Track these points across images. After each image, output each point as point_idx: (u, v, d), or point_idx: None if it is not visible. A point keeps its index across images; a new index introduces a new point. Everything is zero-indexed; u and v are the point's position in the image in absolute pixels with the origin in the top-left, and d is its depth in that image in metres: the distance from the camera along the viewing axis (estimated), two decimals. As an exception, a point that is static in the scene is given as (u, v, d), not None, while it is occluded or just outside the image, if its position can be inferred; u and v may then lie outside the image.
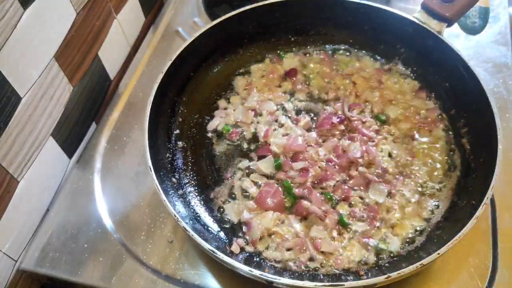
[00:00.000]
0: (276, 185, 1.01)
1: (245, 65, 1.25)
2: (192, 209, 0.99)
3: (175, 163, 1.07)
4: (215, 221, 0.99)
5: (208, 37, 1.15)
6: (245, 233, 0.96)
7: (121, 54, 1.32)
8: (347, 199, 0.99)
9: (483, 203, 0.85)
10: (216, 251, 0.83)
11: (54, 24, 0.99)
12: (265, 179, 1.03)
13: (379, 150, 1.05)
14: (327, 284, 0.79)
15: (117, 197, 1.06)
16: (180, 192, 1.01)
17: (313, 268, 0.90)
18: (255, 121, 1.14)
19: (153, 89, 1.02)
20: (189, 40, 1.12)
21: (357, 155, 1.02)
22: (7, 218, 0.92)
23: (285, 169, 1.03)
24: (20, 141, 0.93)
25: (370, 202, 0.98)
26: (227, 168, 1.07)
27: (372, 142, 1.07)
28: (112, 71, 1.27)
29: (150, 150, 0.95)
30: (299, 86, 1.20)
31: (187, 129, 1.13)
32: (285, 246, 0.93)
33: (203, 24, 1.37)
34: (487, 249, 0.95)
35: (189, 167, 1.07)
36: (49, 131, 1.03)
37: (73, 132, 1.12)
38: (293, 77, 1.22)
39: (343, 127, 1.09)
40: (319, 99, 1.18)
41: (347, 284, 0.79)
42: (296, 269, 0.90)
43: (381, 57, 1.24)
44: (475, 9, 1.37)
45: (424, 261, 0.80)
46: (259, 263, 0.91)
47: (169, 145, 1.09)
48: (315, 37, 1.28)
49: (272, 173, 1.04)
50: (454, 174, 1.02)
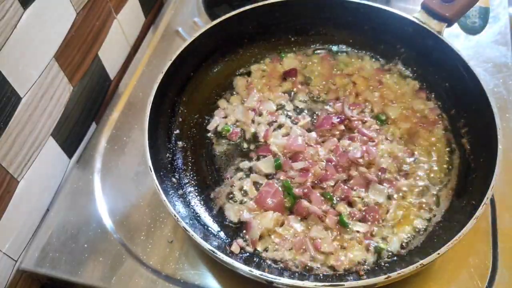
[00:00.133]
0: (276, 185, 1.01)
1: (245, 65, 1.25)
2: (192, 209, 0.99)
3: (175, 163, 1.07)
4: (215, 221, 0.99)
5: (208, 37, 1.15)
6: (245, 233, 0.96)
7: (121, 54, 1.32)
8: (347, 199, 0.99)
9: (483, 203, 0.85)
10: (216, 251, 0.83)
11: (54, 24, 0.99)
12: (265, 179, 1.03)
13: (379, 150, 1.05)
14: (327, 284, 0.79)
15: (117, 197, 1.06)
16: (180, 192, 1.01)
17: (313, 268, 0.90)
18: (255, 121, 1.14)
19: (153, 89, 1.02)
20: (189, 40, 1.12)
21: (357, 155, 1.02)
22: (7, 218, 0.92)
23: (285, 169, 1.03)
24: (20, 141, 0.93)
25: (370, 202, 0.98)
26: (227, 168, 1.07)
27: (372, 142, 1.07)
28: (112, 71, 1.27)
29: (150, 150, 0.95)
30: (299, 86, 1.20)
31: (187, 129, 1.13)
32: (285, 246, 0.93)
33: (203, 24, 1.37)
34: (487, 249, 0.95)
35: (189, 167, 1.07)
36: (49, 131, 1.03)
37: (73, 132, 1.12)
38: (293, 77, 1.21)
39: (343, 127, 1.09)
40: (319, 99, 1.18)
41: (347, 284, 0.79)
42: (296, 269, 0.90)
43: (381, 57, 1.24)
44: (475, 9, 1.37)
45: (424, 261, 0.80)
46: (259, 263, 0.91)
47: (169, 145, 1.09)
48: (315, 37, 1.28)
49: (272, 173, 1.04)
50: (454, 174, 1.02)
